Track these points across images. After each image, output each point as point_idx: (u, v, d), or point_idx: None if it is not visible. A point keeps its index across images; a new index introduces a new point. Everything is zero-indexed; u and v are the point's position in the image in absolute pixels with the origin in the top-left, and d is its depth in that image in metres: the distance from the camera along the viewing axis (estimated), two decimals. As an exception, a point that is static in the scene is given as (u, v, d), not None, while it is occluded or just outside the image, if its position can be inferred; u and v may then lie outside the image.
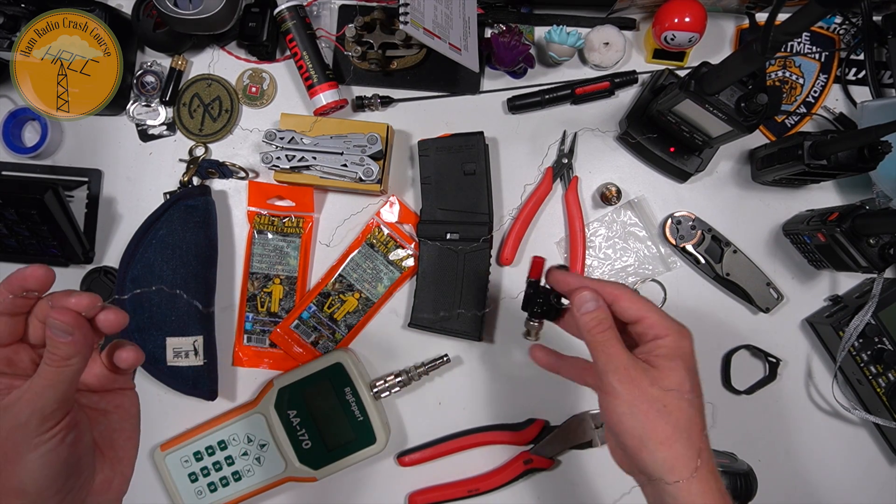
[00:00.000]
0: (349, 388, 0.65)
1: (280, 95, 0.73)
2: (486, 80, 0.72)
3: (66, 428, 0.34)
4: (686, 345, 0.43)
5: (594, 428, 0.67)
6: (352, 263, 0.69)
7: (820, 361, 0.69)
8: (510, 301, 0.70)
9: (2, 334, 0.36)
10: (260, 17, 0.70)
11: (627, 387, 0.41)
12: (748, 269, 0.68)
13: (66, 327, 0.33)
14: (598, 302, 0.44)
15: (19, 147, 0.73)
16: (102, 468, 0.38)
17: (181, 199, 0.68)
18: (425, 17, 0.61)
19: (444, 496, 0.68)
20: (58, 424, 0.33)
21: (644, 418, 0.41)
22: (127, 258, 0.67)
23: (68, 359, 0.33)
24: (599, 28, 0.69)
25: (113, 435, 0.39)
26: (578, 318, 0.44)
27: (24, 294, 0.35)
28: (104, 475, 0.38)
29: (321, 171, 0.67)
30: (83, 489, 0.37)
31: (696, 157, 0.67)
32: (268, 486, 0.67)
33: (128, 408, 0.40)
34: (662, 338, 0.43)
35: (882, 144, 0.57)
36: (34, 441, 0.33)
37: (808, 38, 0.72)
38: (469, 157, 0.67)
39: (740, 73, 0.50)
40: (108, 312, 0.35)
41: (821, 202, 0.69)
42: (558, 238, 0.70)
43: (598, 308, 0.43)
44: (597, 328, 0.43)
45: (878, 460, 0.68)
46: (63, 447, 0.34)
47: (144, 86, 0.73)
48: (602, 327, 0.43)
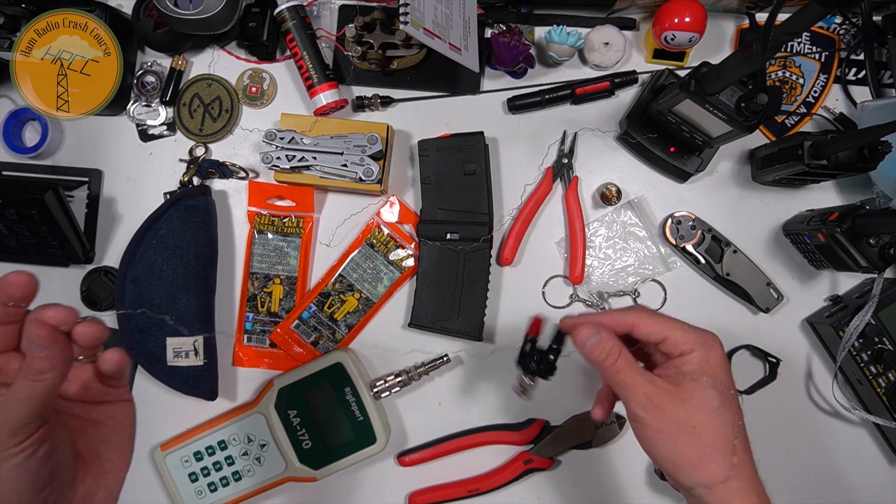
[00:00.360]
0: (349, 388, 0.65)
1: (280, 95, 0.73)
2: (486, 80, 0.72)
3: (38, 441, 0.33)
4: (714, 356, 0.42)
5: (594, 428, 0.67)
6: (352, 263, 0.69)
7: (820, 361, 0.69)
8: (510, 301, 0.70)
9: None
10: (260, 17, 0.70)
11: (652, 414, 0.41)
12: (748, 269, 0.68)
13: (41, 341, 0.32)
14: (599, 333, 0.42)
15: (19, 147, 0.73)
16: (84, 480, 0.37)
17: (181, 199, 0.68)
18: (425, 17, 0.61)
19: (444, 496, 0.68)
20: (28, 438, 0.32)
21: (674, 442, 0.41)
22: (127, 258, 0.67)
23: (43, 373, 0.32)
24: (599, 28, 0.69)
25: (100, 447, 0.38)
26: (585, 355, 0.43)
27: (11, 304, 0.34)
28: (86, 488, 0.37)
29: (321, 171, 0.67)
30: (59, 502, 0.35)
31: (696, 157, 0.67)
32: (268, 486, 0.67)
33: (120, 420, 0.39)
34: (688, 354, 0.42)
35: (882, 144, 0.57)
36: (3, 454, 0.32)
37: (808, 38, 0.72)
38: (469, 157, 0.67)
39: (740, 73, 0.50)
40: (85, 326, 0.34)
41: (821, 202, 0.69)
42: (558, 238, 0.70)
43: (602, 339, 0.42)
44: (606, 360, 0.42)
45: (878, 460, 0.68)
46: (33, 460, 0.33)
47: (144, 86, 0.73)
48: (612, 358, 0.42)
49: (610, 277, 0.70)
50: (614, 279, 0.70)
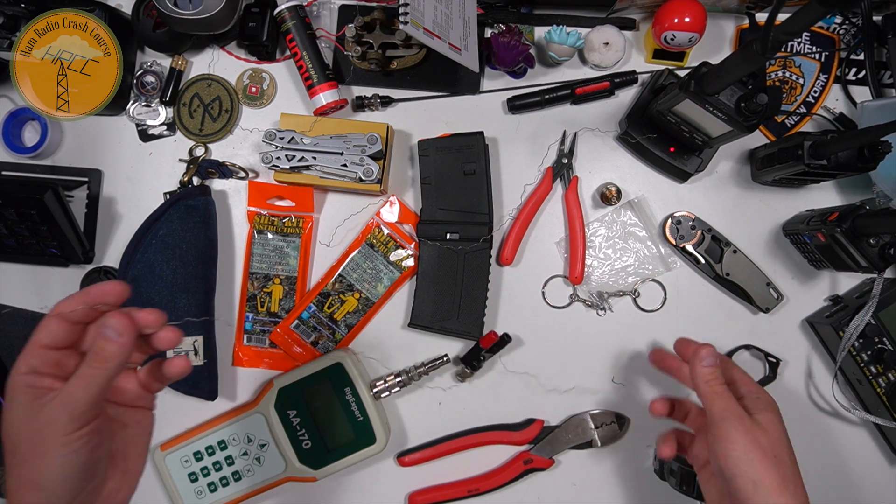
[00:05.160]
0: (349, 388, 0.65)
1: (280, 95, 0.73)
2: (486, 80, 0.72)
3: (92, 432, 0.36)
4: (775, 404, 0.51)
5: (594, 428, 0.67)
6: (352, 263, 0.69)
7: (820, 361, 0.69)
8: (510, 301, 0.70)
9: (62, 338, 0.38)
10: (260, 17, 0.70)
11: (743, 435, 0.47)
12: (748, 269, 0.68)
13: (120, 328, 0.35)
14: (716, 359, 0.50)
15: (19, 147, 0.73)
16: (114, 477, 0.40)
17: (181, 199, 0.68)
18: (425, 17, 0.61)
19: (444, 496, 0.68)
20: (84, 426, 0.35)
21: (759, 465, 0.46)
22: (127, 258, 0.67)
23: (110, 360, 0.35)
24: (599, 28, 0.69)
25: (128, 448, 0.41)
26: (699, 369, 0.50)
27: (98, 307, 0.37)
28: (114, 484, 0.40)
29: (321, 171, 0.67)
30: (94, 493, 0.38)
31: (696, 157, 0.67)
32: (268, 486, 0.67)
33: (145, 426, 0.43)
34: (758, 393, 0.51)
35: (882, 144, 0.57)
36: (61, 439, 0.34)
37: (808, 38, 0.72)
38: (469, 157, 0.67)
39: (740, 73, 0.50)
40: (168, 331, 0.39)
41: (821, 202, 0.69)
42: (558, 238, 0.70)
43: (717, 364, 0.50)
44: (716, 381, 0.50)
45: (878, 460, 0.68)
46: (85, 450, 0.35)
47: (144, 86, 0.73)
48: (720, 381, 0.50)
49: (610, 277, 0.70)
50: (614, 279, 0.70)
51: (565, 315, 0.70)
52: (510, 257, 0.69)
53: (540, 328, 0.69)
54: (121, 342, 0.35)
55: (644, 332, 0.69)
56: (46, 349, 0.37)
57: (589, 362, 0.69)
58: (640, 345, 0.69)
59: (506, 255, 0.69)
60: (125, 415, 0.42)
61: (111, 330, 0.35)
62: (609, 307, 0.69)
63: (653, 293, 0.70)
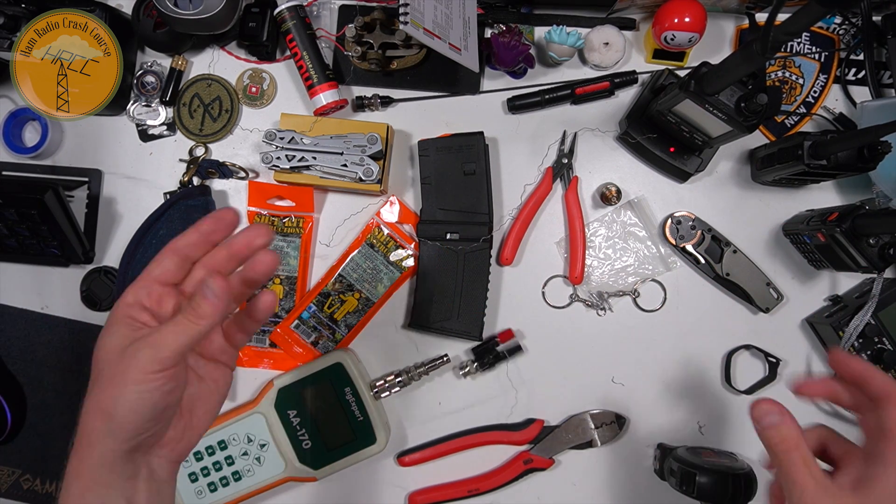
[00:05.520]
0: (349, 388, 0.65)
1: (280, 95, 0.73)
2: (486, 80, 0.72)
3: (170, 378, 0.36)
4: None
5: (594, 428, 0.67)
6: (352, 263, 0.69)
7: (820, 361, 0.69)
8: (510, 301, 0.70)
9: (172, 274, 0.39)
10: (260, 17, 0.70)
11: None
12: (748, 269, 0.68)
13: (217, 289, 0.36)
14: (783, 417, 0.39)
15: (19, 147, 0.73)
16: (176, 426, 0.40)
17: (181, 199, 0.68)
18: (425, 17, 0.61)
19: (444, 496, 0.68)
20: (165, 370, 0.36)
21: None
22: (127, 258, 0.67)
23: (204, 318, 0.36)
24: (599, 28, 0.69)
25: (196, 402, 0.41)
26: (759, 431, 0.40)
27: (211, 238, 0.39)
28: (174, 433, 0.40)
29: (321, 171, 0.67)
30: (155, 436, 0.38)
31: (696, 157, 0.67)
32: (268, 486, 0.67)
33: (220, 385, 0.43)
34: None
35: (882, 144, 0.57)
36: (140, 377, 0.35)
37: (808, 38, 0.72)
38: (469, 157, 0.67)
39: (740, 73, 0.50)
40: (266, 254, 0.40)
41: (821, 202, 0.69)
42: (558, 238, 0.70)
43: (783, 424, 0.39)
44: (780, 445, 0.39)
45: (878, 460, 0.68)
46: (159, 392, 0.36)
47: (144, 86, 0.73)
48: (786, 445, 0.39)
49: (610, 277, 0.70)
50: (614, 279, 0.70)
51: (565, 315, 0.70)
52: (510, 257, 0.69)
53: (540, 328, 0.69)
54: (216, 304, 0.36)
55: (644, 332, 0.69)
56: (155, 282, 0.39)
57: (589, 362, 0.69)
58: (639, 345, 0.69)
59: (506, 255, 0.69)
60: (204, 368, 0.42)
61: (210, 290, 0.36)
62: (609, 307, 0.69)
63: (653, 293, 0.70)
